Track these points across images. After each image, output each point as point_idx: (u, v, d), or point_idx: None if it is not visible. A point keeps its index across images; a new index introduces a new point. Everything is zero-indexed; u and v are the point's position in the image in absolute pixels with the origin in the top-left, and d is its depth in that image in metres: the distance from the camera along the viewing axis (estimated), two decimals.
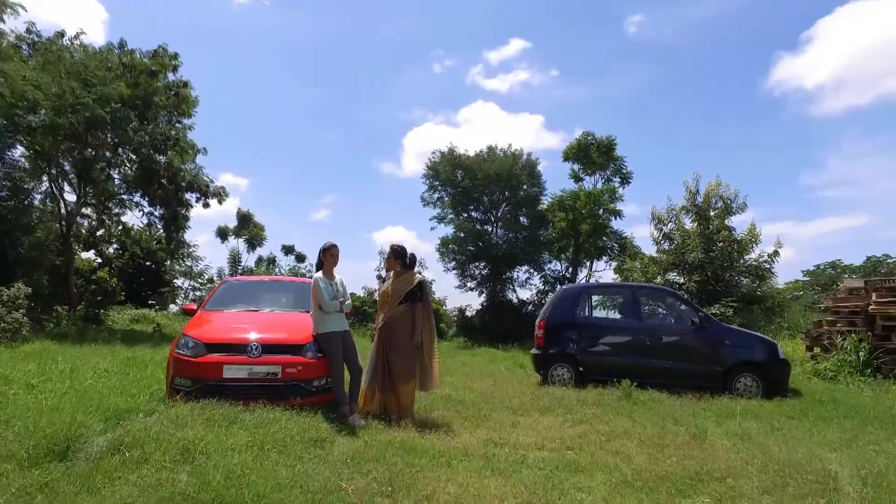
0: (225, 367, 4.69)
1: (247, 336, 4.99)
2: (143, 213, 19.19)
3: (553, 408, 6.15)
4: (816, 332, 9.32)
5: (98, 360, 7.53)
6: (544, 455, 4.15)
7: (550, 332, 7.96)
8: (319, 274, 5.22)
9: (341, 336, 5.16)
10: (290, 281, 7.45)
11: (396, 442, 4.03)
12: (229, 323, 5.49)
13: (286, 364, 4.88)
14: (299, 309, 6.08)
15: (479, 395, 6.97)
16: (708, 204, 16.72)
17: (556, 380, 7.81)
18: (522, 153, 23.65)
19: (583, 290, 8.37)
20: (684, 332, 7.65)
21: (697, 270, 16.06)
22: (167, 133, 16.62)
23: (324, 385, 5.12)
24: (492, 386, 7.85)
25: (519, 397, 6.78)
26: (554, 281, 25.22)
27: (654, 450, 4.27)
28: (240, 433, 3.68)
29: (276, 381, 4.82)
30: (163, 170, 15.83)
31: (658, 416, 5.63)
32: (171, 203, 17.51)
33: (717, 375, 7.28)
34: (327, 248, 5.33)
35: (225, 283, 6.69)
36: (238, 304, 6.09)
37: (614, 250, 23.85)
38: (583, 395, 6.91)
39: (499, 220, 24.18)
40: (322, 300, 5.05)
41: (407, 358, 5.23)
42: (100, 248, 27.93)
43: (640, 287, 8.38)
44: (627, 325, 7.84)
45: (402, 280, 5.38)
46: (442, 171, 23.66)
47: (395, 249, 5.48)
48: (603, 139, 23.62)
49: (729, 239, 15.97)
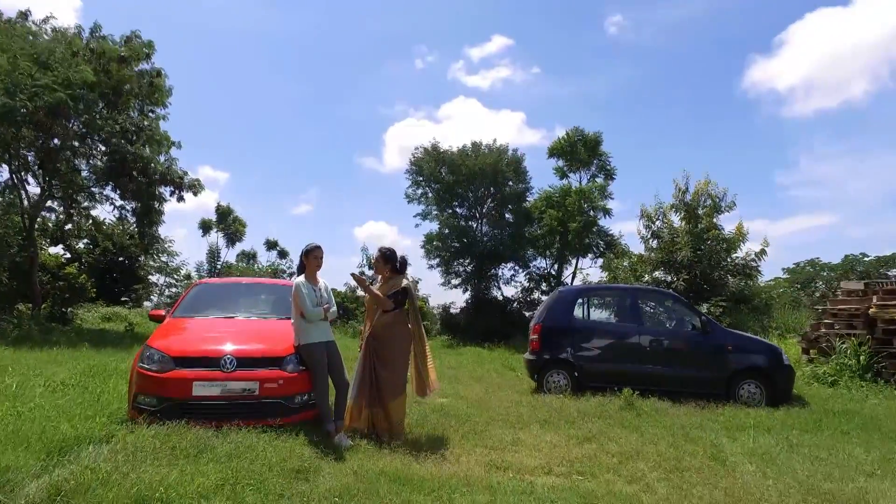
0: (195, 384, 4.17)
1: (220, 348, 4.46)
2: (115, 207, 18.37)
3: (554, 420, 5.75)
4: (814, 334, 9.11)
5: (56, 369, 6.89)
6: (553, 482, 3.73)
7: (546, 337, 7.56)
8: (301, 279, 4.72)
9: (325, 347, 4.68)
10: (270, 283, 6.88)
11: (389, 471, 3.56)
12: (201, 332, 4.95)
13: (264, 379, 4.37)
14: (279, 315, 5.56)
15: (471, 404, 6.56)
16: (697, 202, 16.56)
17: (552, 387, 7.43)
18: (508, 149, 23.24)
19: (580, 293, 7.98)
20: (686, 337, 7.32)
21: (686, 269, 15.89)
22: (139, 123, 15.80)
23: (306, 401, 4.63)
24: (484, 394, 7.43)
25: (515, 407, 6.38)
26: (539, 278, 24.95)
27: (672, 474, 3.88)
28: (209, 468, 3.17)
29: (254, 399, 4.31)
30: (133, 161, 14.99)
31: (667, 431, 5.27)
32: (143, 196, 16.69)
33: (720, 382, 6.98)
34: (310, 250, 4.82)
35: (197, 286, 6.11)
36: (211, 310, 5.54)
37: (599, 247, 23.68)
38: (583, 404, 6.53)
39: (484, 217, 23.76)
40: (305, 308, 4.55)
41: (397, 370, 4.78)
42: (69, 243, 26.78)
43: (640, 290, 8.04)
44: (627, 329, 7.48)
45: (390, 286, 4.91)
46: (426, 167, 23.14)
47: (384, 253, 5.00)
48: (590, 135, 23.38)
49: (718, 237, 15.83)
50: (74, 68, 12.63)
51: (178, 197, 17.46)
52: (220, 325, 5.13)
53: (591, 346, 7.51)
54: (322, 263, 4.87)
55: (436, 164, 23.06)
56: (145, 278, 29.34)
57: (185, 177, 17.18)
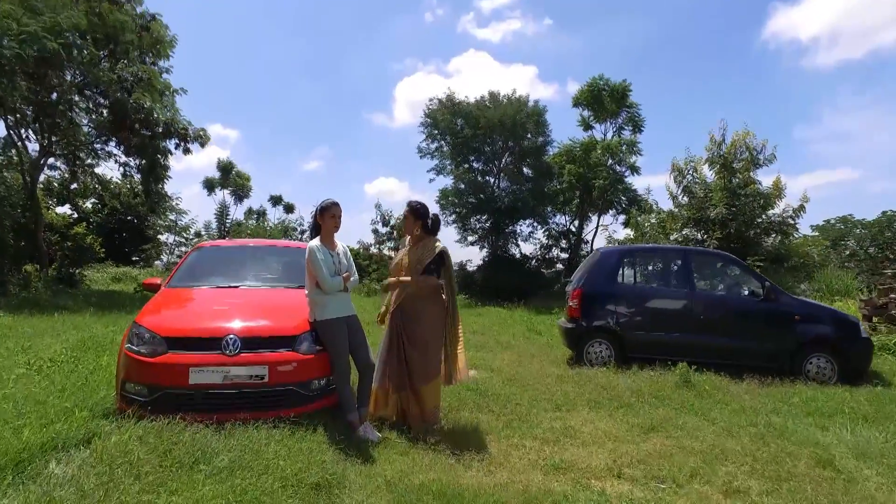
0: (192, 371, 3.47)
1: (222, 325, 3.74)
2: (119, 164, 17.61)
3: (604, 402, 5.06)
4: (882, 299, 8.23)
5: (50, 340, 6.29)
6: (631, 493, 3.03)
7: (587, 303, 6.79)
8: (316, 242, 3.93)
9: (346, 322, 3.95)
10: (280, 245, 6.10)
11: (431, 484, 2.87)
12: (199, 306, 4.22)
13: (275, 363, 3.66)
14: (291, 283, 4.83)
15: (507, 379, 5.87)
16: (734, 155, 15.41)
17: (593, 358, 6.71)
18: (528, 99, 21.88)
19: (624, 254, 7.13)
20: (746, 304, 6.51)
21: (719, 226, 14.93)
22: (137, 72, 14.79)
23: (325, 387, 3.93)
24: (517, 365, 6.75)
25: (557, 384, 5.68)
26: (558, 235, 24.08)
27: (779, 484, 3.15)
28: (206, 486, 2.49)
29: (263, 387, 3.61)
30: (135, 112, 14.09)
31: (743, 418, 4.54)
32: (146, 151, 15.88)
33: (785, 355, 6.21)
34: (326, 208, 4.02)
35: (197, 250, 5.34)
36: (212, 278, 4.80)
37: (622, 204, 22.63)
38: (632, 381, 5.82)
39: (501, 172, 22.69)
40: (321, 277, 3.80)
41: (430, 350, 4.05)
42: (76, 203, 26.22)
43: (693, 251, 7.17)
44: (679, 295, 6.67)
45: (422, 248, 4.12)
46: (440, 119, 21.95)
47: (414, 207, 4.19)
48: (617, 84, 21.96)
49: (756, 193, 14.77)
50: (65, 12, 11.60)
51: (185, 149, 16.64)
52: (222, 296, 4.40)
53: (638, 313, 6.73)
54: (340, 224, 4.08)
55: (451, 117, 21.85)
56: (154, 238, 28.87)
57: (189, 127, 16.29)
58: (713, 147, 15.89)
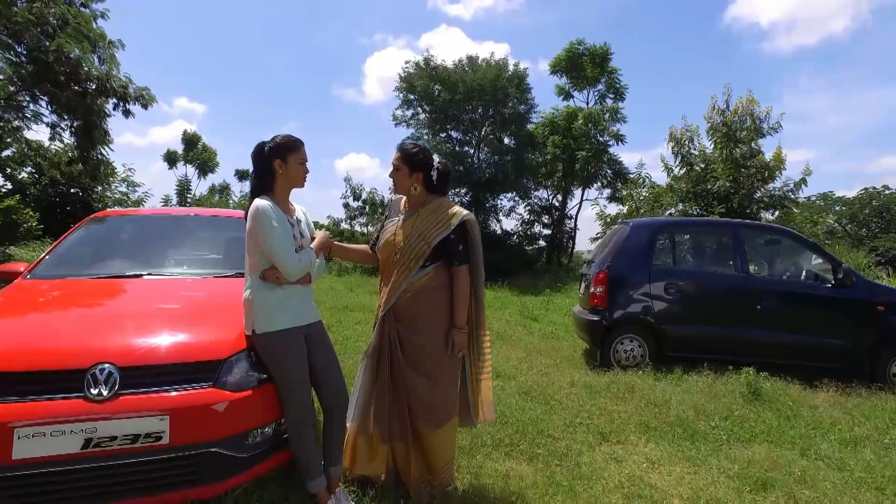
0: (19, 435, 1.91)
1: (87, 346, 2.18)
2: (47, 125, 15.35)
3: (662, 427, 3.74)
4: None
5: None
6: None
7: (615, 289, 5.43)
8: (267, 202, 2.39)
9: (303, 334, 2.45)
10: (223, 216, 4.38)
11: None
12: (58, 312, 2.61)
13: (182, 409, 2.13)
14: (223, 270, 3.28)
15: (522, 392, 4.49)
16: (737, 123, 14.26)
17: (622, 357, 5.39)
18: (508, 63, 20.26)
19: (661, 228, 5.73)
20: (815, 292, 5.25)
21: (722, 201, 13.84)
22: (64, 16, 12.55)
23: (270, 439, 2.43)
24: (527, 367, 5.38)
25: (589, 398, 4.34)
26: (541, 210, 22.80)
27: None
28: None
29: (160, 452, 2.08)
30: (58, 62, 11.94)
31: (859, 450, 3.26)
32: (78, 109, 13.72)
33: (863, 355, 5.01)
34: (288, 146, 2.45)
35: (87, 223, 3.66)
36: (105, 264, 3.20)
37: (607, 177, 21.43)
38: (682, 390, 4.52)
39: (482, 142, 21.12)
40: (280, 256, 2.29)
41: (441, 376, 2.58)
42: (7, 172, 23.50)
43: (747, 225, 5.84)
44: (730, 280, 5.37)
45: (426, 217, 2.61)
46: (417, 85, 20.16)
47: (410, 152, 2.64)
48: (597, 48, 20.51)
49: (762, 164, 13.70)
50: None
51: (124, 110, 14.52)
52: (106, 294, 2.80)
53: (678, 301, 5.41)
54: (306, 176, 2.54)
55: (428, 81, 20.09)
56: None
57: (130, 85, 14.15)
58: (712, 113, 14.71)
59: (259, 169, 2.47)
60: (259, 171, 2.47)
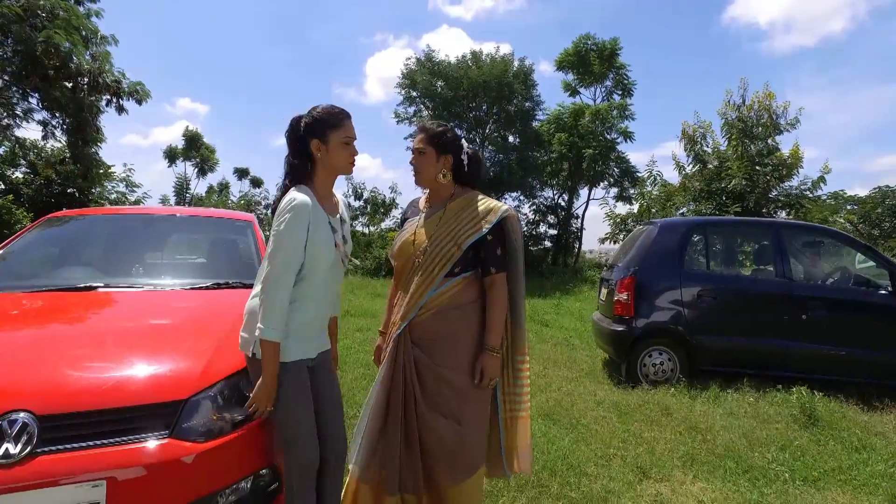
0: None
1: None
2: (38, 122, 14.87)
3: (711, 460, 3.22)
4: None
5: None
6: None
7: (642, 296, 4.89)
8: (306, 196, 1.80)
9: (310, 369, 1.93)
10: (203, 216, 3.79)
11: None
12: None
13: (122, 472, 1.60)
14: (200, 281, 2.76)
15: (544, 414, 3.98)
16: (753, 120, 13.72)
17: (650, 372, 4.86)
18: (513, 58, 19.72)
19: (693, 228, 5.19)
20: (870, 301, 4.71)
21: (737, 200, 13.29)
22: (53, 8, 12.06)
23: (245, 497, 1.90)
24: (545, 383, 4.86)
25: (620, 422, 3.82)
26: (546, 210, 22.24)
27: None
28: None
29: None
30: (47, 55, 11.45)
31: None
32: (69, 106, 13.24)
33: None
34: (333, 121, 1.86)
35: (44, 223, 3.09)
36: (54, 273, 2.69)
37: (614, 176, 20.89)
38: (726, 412, 4.00)
39: (486, 139, 20.58)
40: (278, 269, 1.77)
41: (468, 417, 2.03)
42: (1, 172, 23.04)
43: (790, 225, 5.29)
44: (771, 286, 4.84)
45: (458, 212, 2.08)
46: (419, 81, 19.64)
47: (435, 132, 2.10)
48: (605, 42, 19.96)
49: (780, 161, 13.15)
50: None
51: (118, 107, 14.04)
52: (40, 312, 2.25)
53: (713, 310, 4.87)
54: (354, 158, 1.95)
55: (430, 77, 19.57)
56: None
57: (123, 80, 13.66)
58: (726, 108, 14.16)
59: (293, 152, 1.91)
60: (294, 154, 1.91)
